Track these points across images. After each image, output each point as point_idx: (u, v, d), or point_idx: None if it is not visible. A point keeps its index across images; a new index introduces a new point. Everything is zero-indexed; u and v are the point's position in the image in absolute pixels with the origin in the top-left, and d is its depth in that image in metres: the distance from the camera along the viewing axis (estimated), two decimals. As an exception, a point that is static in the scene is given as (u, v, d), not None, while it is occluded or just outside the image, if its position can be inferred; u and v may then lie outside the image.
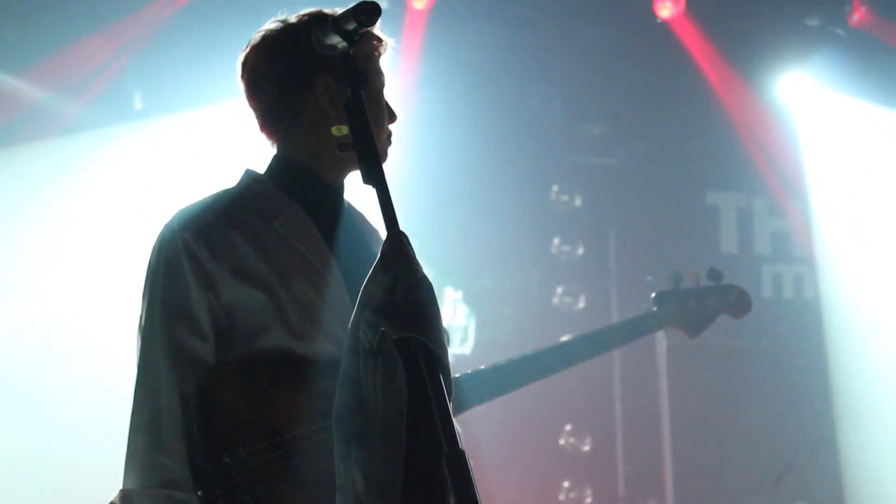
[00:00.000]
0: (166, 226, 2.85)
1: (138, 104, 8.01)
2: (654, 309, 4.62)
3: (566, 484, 8.84)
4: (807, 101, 9.16)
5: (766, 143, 9.12)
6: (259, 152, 3.08)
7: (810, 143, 9.32)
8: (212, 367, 2.72)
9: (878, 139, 9.16)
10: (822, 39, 8.66)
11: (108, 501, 2.67)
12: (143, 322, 2.81)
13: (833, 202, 9.30)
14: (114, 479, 2.73)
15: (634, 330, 4.55)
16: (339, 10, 2.51)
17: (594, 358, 4.43)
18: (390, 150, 3.02)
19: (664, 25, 8.48)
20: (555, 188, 9.27)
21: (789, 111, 9.16)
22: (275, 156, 3.04)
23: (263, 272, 2.78)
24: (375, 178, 2.40)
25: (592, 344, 4.34)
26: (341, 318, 2.72)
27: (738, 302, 4.77)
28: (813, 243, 9.38)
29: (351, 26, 2.45)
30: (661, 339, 7.94)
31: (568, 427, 8.92)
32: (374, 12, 2.42)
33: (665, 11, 8.38)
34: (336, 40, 2.49)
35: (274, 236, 2.85)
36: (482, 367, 3.90)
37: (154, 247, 2.86)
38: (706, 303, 4.68)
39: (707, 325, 4.71)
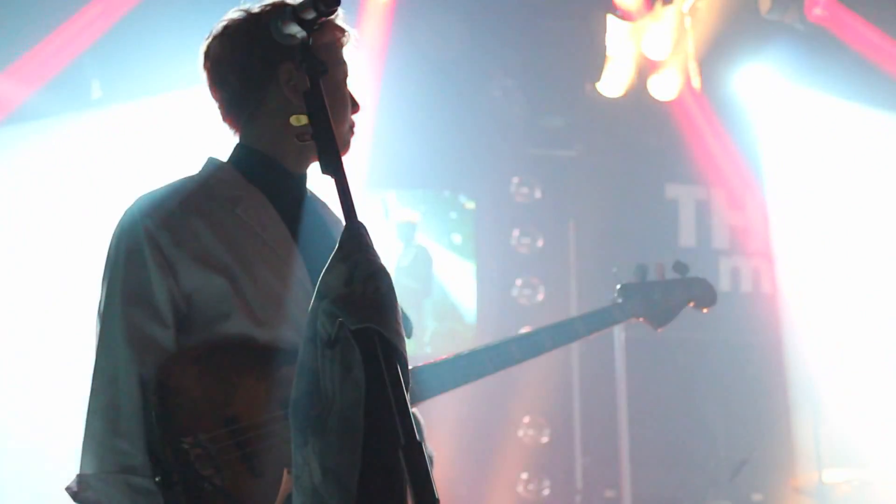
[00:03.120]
0: (127, 212, 2.83)
1: (96, 92, 7.94)
2: (620, 300, 4.60)
3: (524, 476, 8.88)
4: (764, 94, 9.24)
5: (724, 135, 9.16)
6: (221, 140, 3.07)
7: (769, 135, 9.40)
8: (172, 353, 2.69)
9: (836, 131, 9.24)
10: (779, 32, 8.71)
11: (65, 486, 2.65)
12: (102, 307, 2.77)
13: (791, 196, 9.36)
14: (72, 467, 2.70)
15: (600, 321, 4.48)
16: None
17: (556, 349, 4.37)
18: (354, 141, 3.00)
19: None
20: (514, 180, 9.31)
21: (748, 104, 9.24)
22: (237, 144, 3.02)
23: (225, 259, 2.76)
24: (334, 168, 2.38)
25: (557, 334, 4.25)
26: (303, 305, 2.64)
27: (702, 295, 4.79)
28: (771, 237, 9.41)
29: (310, 15, 2.44)
30: (619, 331, 7.95)
31: (526, 419, 8.95)
32: (333, 2, 2.41)
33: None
34: (295, 30, 2.47)
35: (236, 223, 2.83)
36: (443, 356, 3.84)
37: (114, 233, 2.83)
38: (672, 295, 4.70)
39: (672, 317, 4.72)
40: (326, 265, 2.34)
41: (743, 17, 8.79)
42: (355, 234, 2.34)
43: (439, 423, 7.65)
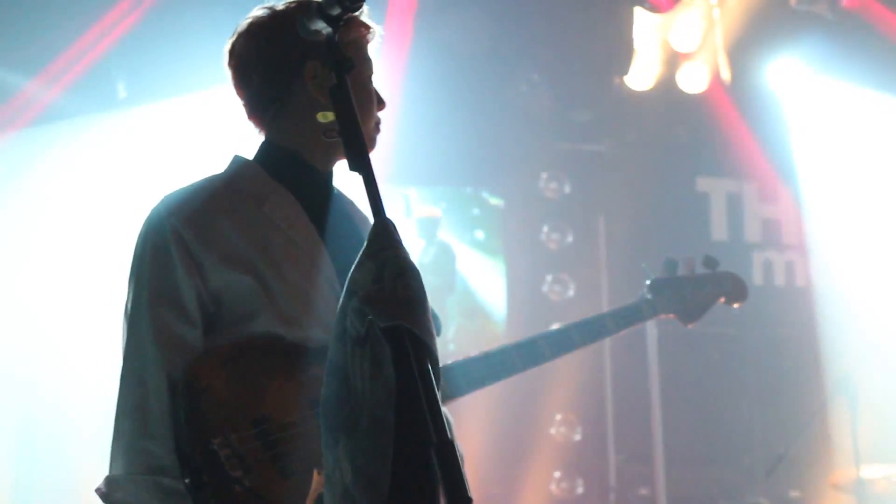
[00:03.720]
0: (153, 211, 2.81)
1: (122, 92, 7.94)
2: (649, 296, 4.52)
3: (557, 474, 8.82)
4: (795, 84, 9.17)
5: (755, 127, 9.10)
6: (246, 139, 3.05)
7: (800, 127, 9.32)
8: (200, 353, 2.67)
9: (869, 123, 9.15)
10: (809, 21, 8.64)
11: (95, 488, 2.63)
12: (129, 308, 2.76)
13: (824, 188, 9.29)
14: (102, 469, 2.69)
15: (630, 317, 4.39)
16: None
17: (587, 346, 4.33)
18: (378, 138, 2.97)
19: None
20: (543, 175, 9.26)
21: (779, 95, 9.16)
22: (263, 142, 3.00)
23: (252, 257, 2.74)
24: (361, 165, 2.35)
25: (586, 331, 4.16)
26: (331, 304, 2.67)
27: (733, 290, 4.72)
28: (804, 230, 9.36)
29: (335, 11, 2.43)
30: (651, 327, 7.98)
31: (558, 416, 8.89)
32: None
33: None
34: (321, 26, 2.46)
35: (263, 221, 2.82)
36: (473, 354, 3.77)
37: (141, 232, 2.81)
38: (702, 290, 4.63)
39: (702, 313, 4.65)
40: (355, 262, 2.32)
41: (772, 7, 8.73)
42: (384, 231, 2.31)
43: (470, 421, 7.66)
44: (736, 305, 4.74)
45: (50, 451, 7.34)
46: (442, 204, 9.07)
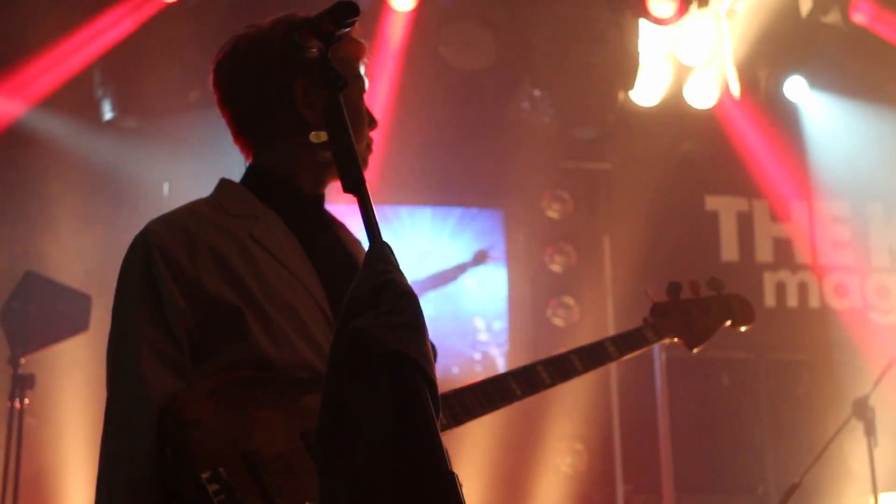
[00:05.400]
0: (140, 234, 2.79)
1: (108, 113, 7.86)
2: (652, 321, 4.47)
3: (563, 505, 8.70)
4: (806, 98, 9.09)
5: (765, 144, 9.02)
6: (235, 162, 3.03)
7: (811, 143, 9.23)
8: (187, 384, 2.64)
9: (880, 137, 9.08)
10: (821, 34, 8.59)
11: None
12: (114, 334, 2.74)
13: (836, 206, 9.24)
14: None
15: (632, 343, 4.38)
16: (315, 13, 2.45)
17: (589, 373, 4.22)
18: (371, 159, 2.97)
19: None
20: (546, 195, 9.17)
21: (790, 110, 9.09)
22: (250, 165, 2.99)
23: (240, 281, 2.73)
24: (356, 185, 2.31)
25: (588, 358, 4.12)
26: (321, 328, 2.74)
27: (740, 313, 4.68)
28: (817, 250, 9.27)
29: (328, 28, 2.39)
30: (659, 352, 7.94)
31: (564, 446, 8.75)
32: (352, 13, 2.36)
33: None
34: (314, 42, 2.43)
35: (251, 244, 2.81)
36: (473, 382, 3.70)
37: (128, 256, 2.80)
38: (707, 314, 4.60)
39: (708, 337, 4.63)
40: (351, 287, 2.25)
41: (783, 20, 8.64)
42: (380, 254, 2.26)
43: (473, 451, 7.63)
44: (743, 329, 4.72)
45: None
46: (429, 226, 8.95)
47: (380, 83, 7.86)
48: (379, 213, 2.31)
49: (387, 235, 2.27)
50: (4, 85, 7.30)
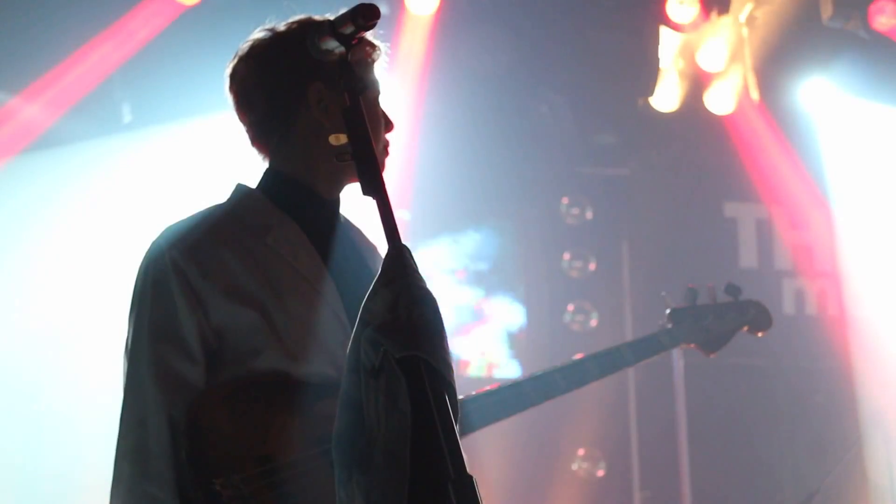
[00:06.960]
0: (153, 244, 2.80)
1: (127, 116, 7.89)
2: (669, 326, 4.47)
3: (579, 512, 8.65)
4: (827, 105, 9.01)
5: (785, 150, 8.96)
6: (251, 166, 3.03)
7: (833, 150, 9.15)
8: (201, 391, 2.66)
9: None
10: (842, 41, 8.47)
11: None
12: (129, 344, 2.75)
13: (857, 213, 9.12)
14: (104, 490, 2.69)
15: (649, 348, 4.54)
16: (331, 16, 2.46)
17: (607, 377, 4.34)
18: (388, 161, 2.95)
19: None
20: (564, 200, 9.12)
21: (811, 117, 9.01)
22: (266, 169, 2.99)
23: (255, 290, 2.73)
24: (375, 188, 2.34)
25: (605, 363, 4.29)
26: (338, 337, 2.73)
27: (757, 318, 4.73)
28: (837, 257, 9.19)
29: (349, 30, 2.40)
30: (677, 358, 7.86)
31: (581, 451, 8.72)
32: (372, 15, 2.37)
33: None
34: (333, 45, 2.42)
35: (266, 252, 2.80)
36: (490, 387, 3.83)
37: (141, 266, 2.80)
38: (724, 319, 4.63)
39: (724, 343, 4.67)
40: (369, 291, 2.29)
41: (803, 26, 8.55)
42: (399, 258, 2.29)
43: (489, 456, 7.60)
44: (760, 334, 4.83)
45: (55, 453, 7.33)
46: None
47: (397, 88, 7.84)
48: (397, 216, 2.30)
49: (405, 238, 2.28)
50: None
